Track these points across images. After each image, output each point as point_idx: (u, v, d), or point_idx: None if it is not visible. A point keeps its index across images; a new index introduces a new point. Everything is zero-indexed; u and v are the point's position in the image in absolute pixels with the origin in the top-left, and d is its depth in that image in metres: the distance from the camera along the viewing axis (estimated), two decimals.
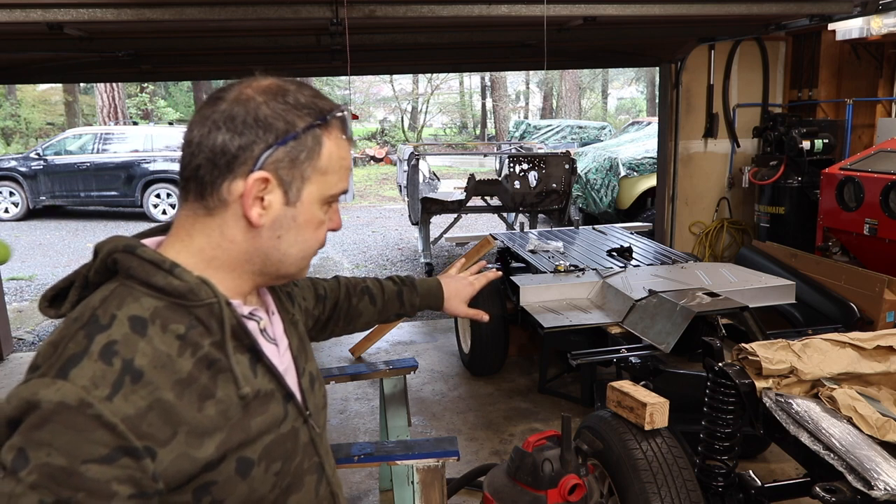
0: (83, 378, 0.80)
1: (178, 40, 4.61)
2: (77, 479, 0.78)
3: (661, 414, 2.21)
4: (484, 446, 3.80)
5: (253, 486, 0.92)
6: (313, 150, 0.93)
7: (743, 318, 3.10)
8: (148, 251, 0.91)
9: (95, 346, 0.83)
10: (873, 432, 1.98)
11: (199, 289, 0.90)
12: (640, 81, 31.02)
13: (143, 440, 0.81)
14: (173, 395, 0.85)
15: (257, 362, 0.97)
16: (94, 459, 0.79)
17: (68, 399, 0.79)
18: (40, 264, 8.95)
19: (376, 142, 24.56)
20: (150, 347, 0.85)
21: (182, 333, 0.88)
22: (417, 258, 8.69)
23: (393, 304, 1.58)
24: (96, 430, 0.79)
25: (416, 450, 2.27)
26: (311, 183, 0.94)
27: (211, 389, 0.89)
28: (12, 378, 5.04)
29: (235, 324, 0.93)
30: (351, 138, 0.99)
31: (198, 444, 0.86)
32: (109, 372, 0.82)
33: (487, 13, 3.73)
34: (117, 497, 0.80)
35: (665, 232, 6.44)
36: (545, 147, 11.38)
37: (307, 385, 1.08)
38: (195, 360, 0.88)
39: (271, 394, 0.97)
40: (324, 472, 1.08)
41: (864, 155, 4.80)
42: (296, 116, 0.92)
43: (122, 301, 0.88)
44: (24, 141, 20.39)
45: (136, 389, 0.82)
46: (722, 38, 5.84)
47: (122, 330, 0.85)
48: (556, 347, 4.23)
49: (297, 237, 0.96)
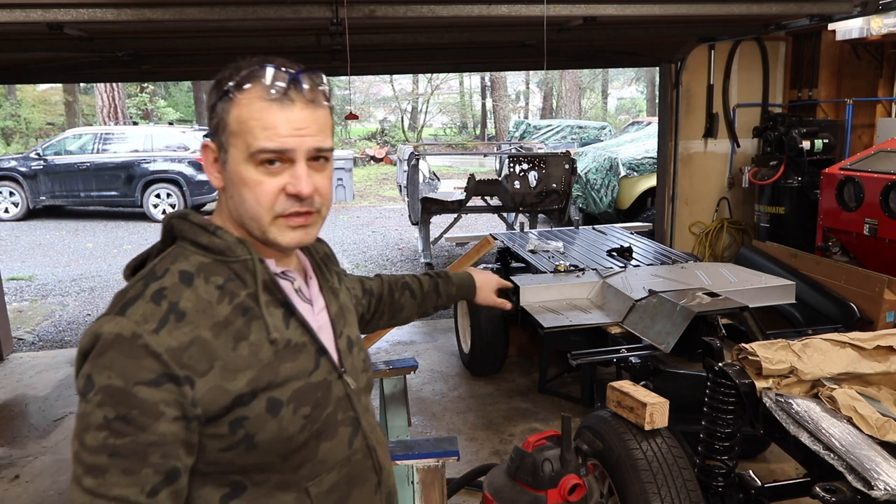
0: (136, 314, 0.98)
1: (178, 40, 4.61)
2: (132, 399, 0.94)
3: (661, 414, 2.20)
4: (484, 446, 3.80)
5: (282, 425, 1.04)
6: (223, 118, 1.06)
7: (743, 318, 3.10)
8: (197, 217, 1.10)
9: (149, 290, 1.01)
10: (873, 432, 1.98)
11: (235, 247, 1.07)
12: (640, 81, 31.02)
13: (184, 369, 0.97)
14: (211, 334, 1.01)
15: (290, 316, 1.10)
16: (144, 382, 0.95)
17: (124, 331, 0.96)
18: (40, 264, 8.94)
19: (376, 142, 24.56)
20: (194, 295, 1.02)
21: (221, 284, 1.05)
22: (417, 258, 8.69)
23: (431, 296, 1.71)
24: (145, 358, 0.95)
25: (416, 450, 2.26)
26: (231, 146, 1.06)
27: (245, 333, 1.03)
28: (12, 378, 5.04)
29: (268, 279, 1.08)
30: (283, 92, 1.03)
31: (231, 378, 1.00)
32: (157, 311, 0.99)
33: (487, 13, 3.73)
34: (164, 417, 0.95)
35: (665, 232, 6.44)
36: (545, 147, 11.38)
37: (344, 346, 1.20)
38: (232, 306, 1.04)
39: (303, 345, 1.10)
40: (360, 427, 1.18)
41: (864, 155, 4.80)
42: (213, 92, 1.08)
43: (176, 258, 1.06)
44: (24, 141, 20.40)
45: (180, 326, 0.99)
46: (722, 38, 5.84)
47: (172, 280, 1.03)
48: (556, 347, 4.23)
49: (242, 196, 1.07)
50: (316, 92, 1.07)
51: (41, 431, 4.19)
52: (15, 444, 4.02)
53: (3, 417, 4.40)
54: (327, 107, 1.09)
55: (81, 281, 8.06)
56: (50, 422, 4.31)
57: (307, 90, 1.05)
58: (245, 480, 1.05)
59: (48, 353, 5.63)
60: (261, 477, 1.05)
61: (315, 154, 1.07)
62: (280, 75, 1.04)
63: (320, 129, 1.07)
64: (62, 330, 6.31)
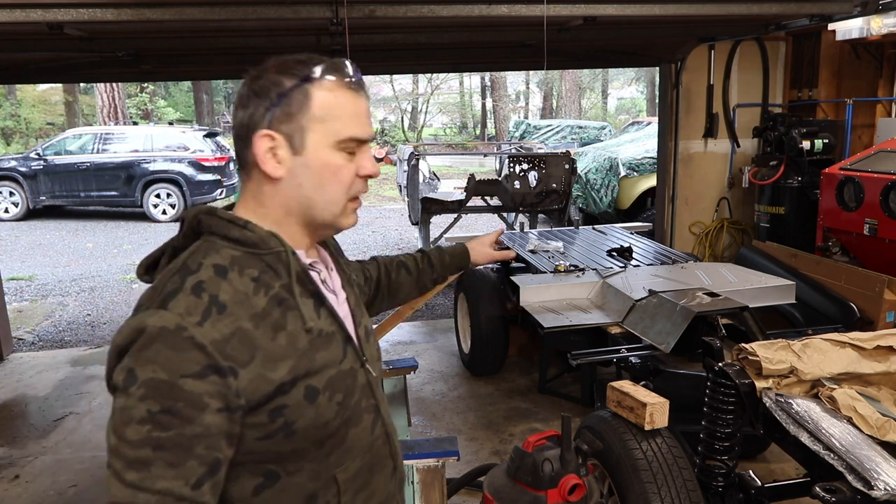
0: (179, 307, 0.98)
1: (178, 40, 4.61)
2: (177, 391, 0.95)
3: (661, 414, 2.20)
4: (484, 446, 3.80)
5: (319, 412, 1.07)
6: (303, 103, 1.06)
7: (743, 318, 3.10)
8: (225, 212, 1.11)
9: (188, 284, 1.01)
10: (873, 432, 1.98)
11: (268, 239, 1.08)
12: (640, 81, 31.02)
13: (227, 360, 0.98)
14: (251, 325, 1.02)
15: (321, 306, 1.13)
16: (189, 375, 0.95)
17: (168, 324, 0.97)
18: (40, 264, 8.94)
19: (376, 142, 24.55)
20: (231, 287, 1.03)
21: (256, 276, 1.06)
22: None
23: (426, 271, 1.73)
24: (190, 351, 0.96)
25: (416, 450, 2.26)
26: (311, 132, 1.07)
27: (282, 323, 1.05)
28: (12, 378, 5.04)
29: (300, 270, 1.11)
30: (357, 83, 1.11)
31: (272, 367, 1.02)
32: (200, 303, 1.00)
33: (487, 13, 3.73)
34: (209, 408, 0.96)
35: (665, 232, 6.44)
36: (545, 147, 11.37)
37: (363, 335, 1.23)
38: (268, 298, 1.06)
39: (332, 335, 1.13)
40: (379, 414, 1.22)
41: (864, 155, 4.80)
42: (284, 79, 1.07)
43: (207, 253, 1.06)
44: (24, 141, 20.39)
45: (222, 318, 1.00)
46: (722, 38, 5.84)
47: (208, 273, 1.03)
48: (556, 347, 4.23)
49: (316, 182, 1.09)
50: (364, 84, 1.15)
51: (41, 431, 4.19)
52: (15, 444, 4.03)
53: (3, 417, 4.40)
54: None
55: (81, 281, 8.06)
56: (50, 422, 4.31)
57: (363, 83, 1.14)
58: (279, 470, 1.07)
59: (48, 353, 5.63)
60: (294, 466, 1.08)
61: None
62: (354, 66, 1.12)
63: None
64: (62, 330, 6.31)
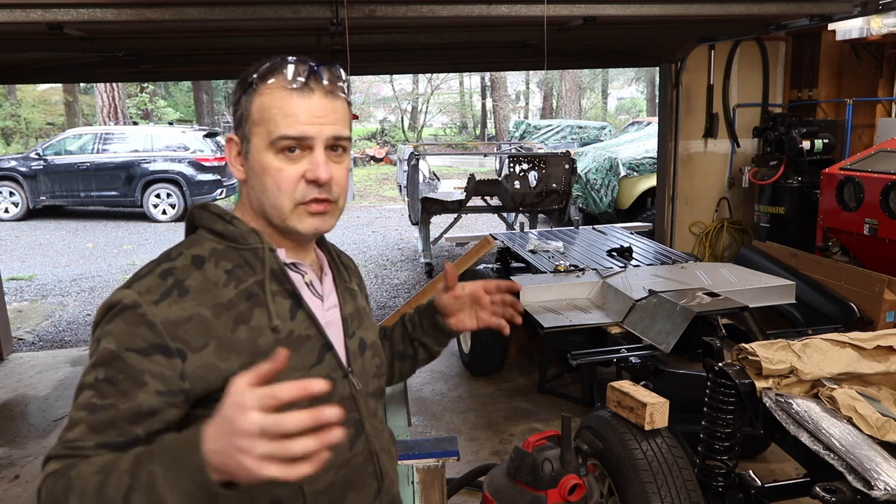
0: (141, 286, 1.04)
1: (178, 40, 4.61)
2: (120, 363, 0.99)
3: (661, 414, 2.20)
4: (484, 446, 3.80)
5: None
6: (246, 109, 1.11)
7: (743, 318, 3.10)
8: (217, 207, 1.16)
9: (159, 269, 1.07)
10: (873, 432, 1.98)
11: (248, 235, 1.12)
12: (640, 81, 31.01)
13: (176, 342, 1.01)
14: (212, 313, 1.04)
15: (298, 308, 1.12)
16: (134, 349, 0.99)
17: (127, 300, 1.02)
18: (40, 264, 8.94)
19: (376, 142, 24.55)
20: (202, 276, 1.07)
21: (230, 269, 1.09)
22: (417, 258, 8.68)
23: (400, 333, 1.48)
24: (140, 326, 1.00)
25: (416, 450, 2.26)
26: (253, 136, 1.10)
27: (246, 317, 1.06)
28: (12, 378, 5.04)
29: (276, 268, 1.11)
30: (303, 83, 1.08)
31: (224, 357, 1.03)
32: (162, 285, 1.04)
33: (487, 13, 3.73)
34: (147, 387, 0.99)
35: (665, 232, 6.44)
36: (545, 147, 11.38)
37: (355, 348, 1.21)
38: (238, 291, 1.08)
39: (307, 338, 1.12)
40: (363, 430, 1.18)
41: (864, 155, 4.79)
42: (238, 86, 1.13)
43: (191, 244, 1.12)
44: (24, 141, 20.38)
45: (181, 301, 1.03)
46: (722, 38, 5.84)
47: (184, 262, 1.08)
48: (556, 347, 4.23)
49: (259, 185, 1.11)
50: (335, 84, 1.11)
51: (41, 431, 4.19)
52: (15, 444, 4.02)
53: (3, 417, 4.40)
54: (345, 99, 1.14)
55: (81, 281, 8.06)
56: (50, 422, 4.31)
57: (326, 82, 1.10)
58: None
59: (48, 353, 5.63)
60: None
61: (333, 142, 1.10)
62: (301, 68, 1.09)
63: (338, 119, 1.11)
64: (62, 330, 6.31)
